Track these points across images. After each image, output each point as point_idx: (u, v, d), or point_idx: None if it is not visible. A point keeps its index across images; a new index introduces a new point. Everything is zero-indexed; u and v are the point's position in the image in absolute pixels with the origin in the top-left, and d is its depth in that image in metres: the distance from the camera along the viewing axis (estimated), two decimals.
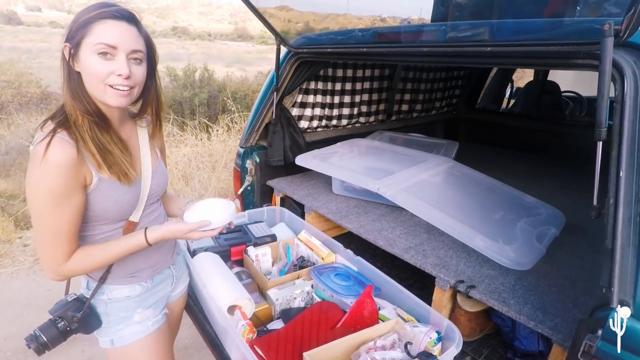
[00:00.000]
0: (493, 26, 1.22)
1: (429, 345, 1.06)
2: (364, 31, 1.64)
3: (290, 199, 2.09)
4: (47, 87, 7.77)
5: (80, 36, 0.88)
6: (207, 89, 6.89)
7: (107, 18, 0.89)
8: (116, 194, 0.98)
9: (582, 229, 1.74)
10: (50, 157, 0.86)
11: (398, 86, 2.93)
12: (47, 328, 1.01)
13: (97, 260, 0.99)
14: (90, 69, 0.89)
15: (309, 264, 1.53)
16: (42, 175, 0.86)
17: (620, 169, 0.88)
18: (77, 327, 1.04)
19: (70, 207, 0.91)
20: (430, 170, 1.92)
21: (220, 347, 1.34)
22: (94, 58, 0.88)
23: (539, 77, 3.68)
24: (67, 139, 0.89)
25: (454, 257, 1.47)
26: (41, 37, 20.88)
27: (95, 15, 0.88)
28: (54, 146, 0.86)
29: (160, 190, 1.15)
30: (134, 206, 1.05)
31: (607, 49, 0.85)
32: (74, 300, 1.05)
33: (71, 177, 0.89)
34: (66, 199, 0.89)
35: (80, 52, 0.89)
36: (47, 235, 0.92)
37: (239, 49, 23.42)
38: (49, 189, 0.87)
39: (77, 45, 0.88)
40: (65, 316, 1.02)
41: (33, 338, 1.00)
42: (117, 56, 0.90)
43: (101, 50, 0.88)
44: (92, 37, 0.87)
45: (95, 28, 0.87)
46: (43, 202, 0.88)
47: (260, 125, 2.16)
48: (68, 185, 0.89)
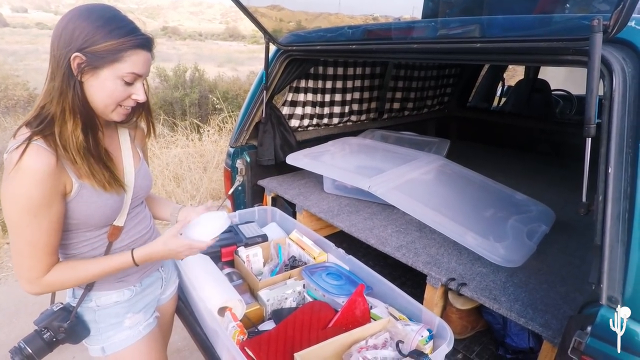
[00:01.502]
0: (483, 22, 1.22)
1: (421, 344, 1.05)
2: (353, 28, 1.63)
3: (281, 198, 2.07)
4: (34, 90, 7.64)
5: (110, 59, 0.86)
6: (198, 89, 6.84)
7: (140, 48, 0.89)
8: (99, 200, 0.95)
9: (572, 226, 1.75)
10: (25, 166, 0.82)
11: (389, 84, 2.93)
12: (32, 339, 0.98)
13: (78, 276, 0.95)
14: (111, 91, 0.89)
15: (300, 264, 1.51)
16: (18, 184, 0.82)
17: (609, 165, 0.88)
18: (64, 337, 1.01)
19: (48, 218, 0.87)
20: (422, 168, 1.92)
21: (211, 349, 1.32)
22: (117, 82, 0.88)
23: (529, 75, 3.71)
24: (44, 147, 0.84)
25: (446, 255, 1.47)
26: (28, 39, 20.56)
27: (130, 44, 0.87)
28: (29, 154, 0.82)
29: (144, 192, 1.13)
30: (118, 211, 1.02)
31: (596, 44, 0.85)
32: (60, 310, 1.02)
33: (49, 186, 0.85)
34: (44, 210, 0.85)
35: (102, 73, 0.86)
36: (24, 247, 0.88)
37: (231, 49, 23.31)
38: (26, 198, 0.83)
39: (99, 66, 0.85)
40: (51, 327, 0.99)
41: (17, 351, 0.97)
42: (136, 82, 0.92)
43: (129, 79, 0.89)
44: (124, 65, 0.87)
45: (129, 57, 0.87)
46: (19, 212, 0.84)
47: (250, 125, 2.14)
48: (46, 195, 0.85)
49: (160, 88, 6.85)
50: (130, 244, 1.08)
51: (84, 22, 0.84)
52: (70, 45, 0.83)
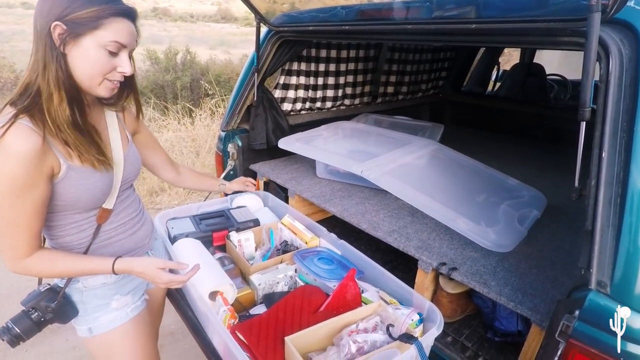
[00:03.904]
0: (479, 3, 1.18)
1: (411, 327, 1.06)
2: (346, 8, 1.59)
3: (273, 183, 2.06)
4: (21, 72, 7.42)
5: (91, 27, 0.83)
6: (190, 73, 6.71)
7: (122, 16, 0.87)
8: (88, 181, 0.93)
9: (563, 210, 1.76)
10: (9, 145, 0.80)
11: (383, 68, 2.89)
12: (20, 319, 0.98)
13: (56, 269, 0.94)
14: (95, 61, 0.86)
15: (292, 249, 1.51)
16: (1, 164, 0.80)
17: (603, 149, 0.87)
18: (51, 317, 1.01)
19: (32, 200, 0.85)
20: (415, 153, 1.90)
21: (202, 333, 1.33)
22: (101, 52, 0.86)
23: (525, 59, 3.68)
24: (31, 126, 0.82)
25: (437, 239, 1.47)
26: (13, 19, 19.90)
27: (111, 11, 0.84)
28: (14, 133, 0.80)
29: (134, 175, 1.12)
30: (107, 193, 1.00)
31: (593, 24, 0.83)
32: (47, 290, 1.02)
33: (34, 167, 0.83)
34: (28, 191, 0.84)
35: (84, 41, 0.84)
36: (5, 228, 0.86)
37: (223, 31, 22.83)
38: (9, 179, 0.81)
39: (80, 34, 0.83)
40: (39, 307, 1.00)
41: (5, 330, 0.97)
42: (121, 53, 0.89)
43: (113, 47, 0.87)
44: (106, 32, 0.85)
45: (110, 24, 0.85)
46: (2, 193, 0.82)
47: (241, 108, 2.11)
48: (30, 176, 0.83)
49: (151, 71, 6.70)
50: (118, 227, 1.07)
51: None
52: (50, 15, 0.82)
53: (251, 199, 1.79)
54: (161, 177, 1.39)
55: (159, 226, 1.50)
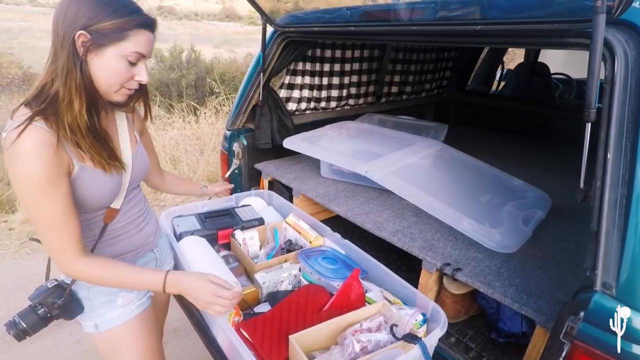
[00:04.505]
0: (483, 4, 1.18)
1: (415, 327, 1.06)
2: (352, 9, 1.59)
3: (278, 182, 2.06)
4: (28, 68, 7.52)
5: (114, 38, 0.85)
6: (195, 71, 6.73)
7: (144, 28, 0.90)
8: (99, 182, 0.95)
9: (568, 211, 1.75)
10: (26, 146, 0.81)
11: (388, 67, 2.89)
12: (27, 314, 1.00)
13: (107, 276, 0.96)
14: (115, 71, 0.89)
15: (296, 248, 1.52)
16: (22, 165, 0.82)
17: (608, 151, 0.87)
18: (58, 313, 1.02)
19: (59, 196, 0.87)
20: (419, 153, 1.90)
21: (207, 330, 1.33)
22: (122, 62, 0.88)
23: (529, 59, 3.66)
24: (46, 128, 0.84)
25: (441, 240, 1.47)
26: (21, 16, 20.04)
27: (135, 23, 0.87)
28: (28, 133, 0.82)
29: (141, 175, 1.13)
30: (116, 194, 1.02)
31: (598, 26, 0.83)
32: (55, 287, 1.03)
33: (53, 164, 0.84)
34: (53, 188, 0.85)
35: (107, 51, 0.86)
36: (44, 230, 0.89)
37: (227, 30, 22.86)
38: (32, 177, 0.83)
39: (104, 44, 0.85)
40: (46, 302, 1.01)
41: (12, 325, 0.99)
42: (140, 63, 0.92)
43: (134, 58, 0.89)
44: (129, 44, 0.88)
45: (134, 36, 0.88)
46: (30, 193, 0.84)
47: (247, 108, 2.11)
48: (52, 173, 0.84)
49: (156, 69, 6.74)
50: (124, 226, 1.09)
51: (90, 1, 0.84)
52: (75, 24, 0.83)
53: (256, 199, 1.80)
54: (149, 182, 1.39)
55: (165, 223, 1.52)
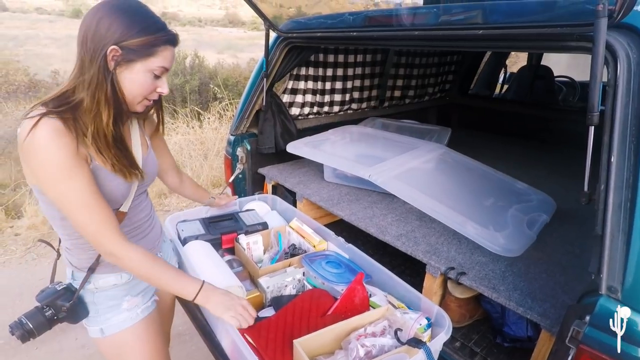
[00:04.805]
0: (485, 9, 1.19)
1: (419, 332, 1.06)
2: (354, 15, 1.60)
3: (281, 186, 2.07)
4: (35, 75, 7.60)
5: (144, 54, 0.89)
6: (198, 76, 6.78)
7: (170, 44, 0.94)
8: (111, 184, 0.97)
9: (572, 215, 1.74)
10: (41, 135, 0.83)
11: (390, 72, 2.89)
12: (34, 315, 1.00)
13: (153, 271, 0.98)
14: (141, 84, 0.93)
15: (300, 252, 1.52)
16: (41, 152, 0.84)
17: (612, 154, 0.87)
18: (64, 316, 1.02)
19: (85, 178, 0.89)
20: (422, 157, 1.90)
21: (211, 334, 1.34)
22: (148, 76, 0.92)
23: (532, 62, 3.66)
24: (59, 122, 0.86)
25: (445, 244, 1.47)
26: (27, 24, 20.30)
27: (163, 39, 0.91)
28: (43, 126, 0.83)
29: (150, 180, 1.15)
30: (125, 197, 1.03)
31: (600, 30, 0.83)
32: (64, 290, 1.04)
33: (71, 150, 0.86)
34: (77, 171, 0.87)
35: (136, 66, 0.90)
36: (80, 213, 0.89)
37: (231, 35, 23.01)
38: (54, 163, 0.84)
39: (133, 59, 0.89)
40: (54, 305, 1.01)
41: (19, 325, 0.98)
42: (163, 76, 0.96)
43: (159, 72, 0.93)
44: (156, 60, 0.92)
45: (161, 52, 0.92)
46: (55, 181, 0.86)
47: (250, 113, 2.13)
48: (71, 157, 0.86)
49: None
50: (130, 231, 1.09)
51: (120, 17, 0.87)
52: (107, 39, 0.86)
53: (260, 204, 1.81)
54: (165, 181, 1.41)
55: (170, 228, 1.53)
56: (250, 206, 1.80)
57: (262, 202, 1.86)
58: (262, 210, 1.79)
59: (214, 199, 1.60)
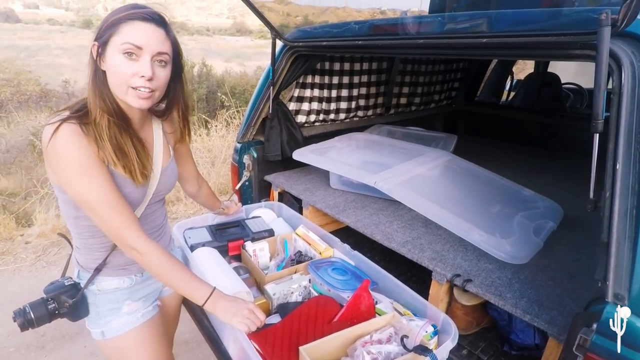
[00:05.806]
0: (490, 17, 1.20)
1: (425, 339, 1.06)
2: (359, 23, 1.63)
3: (288, 193, 2.08)
4: (46, 85, 7.74)
5: (108, 35, 0.89)
6: (206, 85, 6.86)
7: (136, 19, 0.90)
8: (125, 190, 0.99)
9: (580, 222, 1.73)
10: (61, 137, 0.87)
11: (396, 79, 2.91)
12: (38, 306, 1.01)
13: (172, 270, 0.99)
14: (115, 67, 0.90)
15: (306, 259, 1.52)
16: (62, 153, 0.87)
17: (617, 161, 0.87)
18: (65, 312, 1.04)
19: (105, 175, 0.91)
20: (428, 164, 1.91)
21: (218, 341, 1.34)
22: (119, 57, 0.89)
23: (539, 69, 3.65)
24: (78, 127, 0.89)
25: (451, 251, 1.47)
26: (39, 35, 20.76)
27: (125, 16, 0.89)
28: (63, 129, 0.87)
29: (167, 189, 1.16)
30: (138, 203, 1.05)
31: (604, 39, 0.84)
32: (71, 286, 1.05)
33: (90, 150, 0.89)
34: (96, 169, 0.90)
35: (107, 51, 0.90)
36: (104, 211, 0.91)
37: (238, 44, 23.29)
38: (74, 162, 0.88)
39: (105, 44, 0.90)
40: (58, 299, 1.02)
41: (21, 313, 1.00)
42: (141, 57, 0.90)
43: (127, 49, 0.88)
44: (119, 36, 0.88)
45: (123, 28, 0.89)
46: (76, 180, 0.89)
47: (257, 120, 2.15)
48: (90, 156, 0.89)
49: None
50: None
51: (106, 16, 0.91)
52: (94, 38, 0.91)
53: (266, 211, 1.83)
54: (183, 188, 1.43)
55: (177, 235, 1.54)
56: (257, 213, 1.81)
57: (268, 209, 1.87)
58: (268, 218, 1.80)
59: (223, 210, 1.62)
